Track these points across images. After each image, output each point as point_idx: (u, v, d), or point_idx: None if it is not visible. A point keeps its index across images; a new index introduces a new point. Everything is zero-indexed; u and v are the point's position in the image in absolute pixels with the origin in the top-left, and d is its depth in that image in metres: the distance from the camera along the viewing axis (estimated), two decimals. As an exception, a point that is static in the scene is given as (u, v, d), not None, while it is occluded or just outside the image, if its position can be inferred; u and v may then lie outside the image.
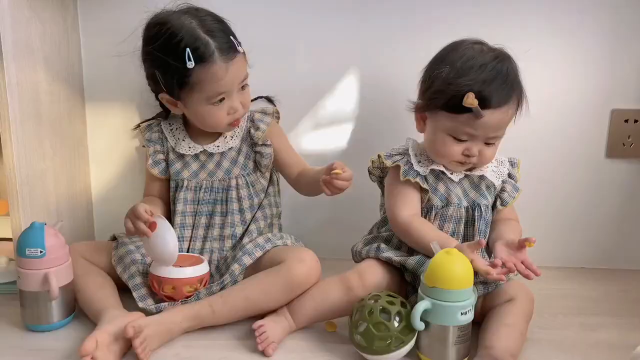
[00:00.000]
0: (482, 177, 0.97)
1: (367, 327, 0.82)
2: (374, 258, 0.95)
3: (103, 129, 1.23)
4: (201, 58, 0.93)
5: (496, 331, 0.84)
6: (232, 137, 1.06)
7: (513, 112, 0.92)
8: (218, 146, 1.05)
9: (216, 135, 1.06)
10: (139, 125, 1.15)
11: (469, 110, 0.88)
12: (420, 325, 0.81)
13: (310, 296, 0.91)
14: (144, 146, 1.10)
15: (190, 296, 0.94)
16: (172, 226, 1.00)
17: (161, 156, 1.08)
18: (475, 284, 0.84)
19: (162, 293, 0.94)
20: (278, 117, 1.12)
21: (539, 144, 1.17)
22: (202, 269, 0.96)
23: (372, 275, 0.92)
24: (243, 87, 1.00)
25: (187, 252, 1.04)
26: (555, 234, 1.22)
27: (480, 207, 0.96)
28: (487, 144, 0.93)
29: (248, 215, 1.05)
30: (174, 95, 0.99)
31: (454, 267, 0.80)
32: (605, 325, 0.97)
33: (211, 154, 1.06)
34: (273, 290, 0.91)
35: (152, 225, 0.92)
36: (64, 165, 1.14)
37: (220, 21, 0.98)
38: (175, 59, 0.93)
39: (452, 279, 0.80)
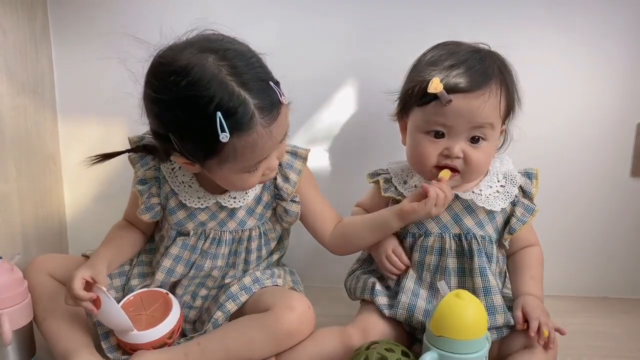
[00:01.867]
0: (477, 202, 0.84)
1: (363, 380, 0.71)
2: (371, 302, 0.85)
3: (77, 143, 1.14)
4: (238, 125, 0.70)
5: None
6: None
7: (494, 100, 0.79)
8: (234, 198, 0.86)
9: None
10: (106, 157, 0.86)
11: (436, 97, 0.78)
12: (425, 380, 0.70)
13: (303, 349, 0.80)
14: (139, 191, 0.87)
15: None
16: (159, 268, 0.87)
17: (156, 200, 0.87)
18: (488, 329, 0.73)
19: (128, 351, 0.83)
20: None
21: (557, 162, 1.07)
22: (168, 325, 0.82)
23: (376, 331, 0.81)
24: (282, 140, 0.80)
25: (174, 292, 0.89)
26: (574, 259, 1.12)
27: (477, 239, 0.83)
28: (471, 141, 0.81)
29: (252, 266, 0.90)
30: (195, 161, 0.77)
31: (464, 313, 0.70)
32: (635, 368, 0.87)
33: (224, 206, 0.87)
34: (257, 342, 0.78)
35: (96, 302, 0.78)
36: (32, 185, 1.04)
37: (256, 59, 0.74)
38: (203, 125, 0.70)
39: (463, 328, 0.69)
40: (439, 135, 0.81)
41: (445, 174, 0.81)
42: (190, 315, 0.89)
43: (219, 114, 0.69)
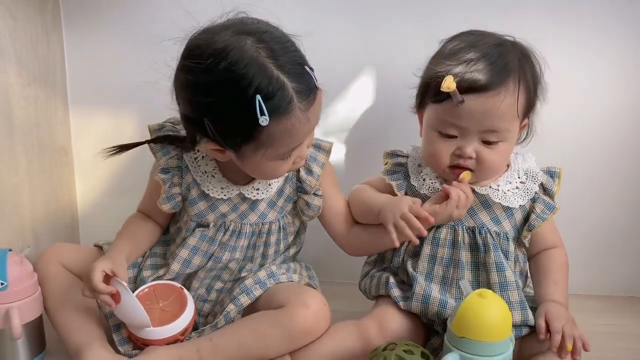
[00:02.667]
0: (493, 197, 0.81)
1: (380, 381, 0.68)
2: (387, 295, 0.83)
3: (90, 134, 1.12)
4: (277, 109, 0.69)
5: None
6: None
7: (510, 100, 0.75)
8: (258, 189, 0.84)
9: None
10: (124, 148, 0.84)
11: (449, 96, 0.74)
12: (446, 382, 0.67)
13: (319, 345, 0.77)
14: (162, 180, 0.84)
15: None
16: (175, 258, 0.85)
17: (177, 190, 0.84)
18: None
19: (140, 345, 0.81)
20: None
21: (582, 155, 1.03)
22: (183, 322, 0.80)
23: (392, 323, 0.79)
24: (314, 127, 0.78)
25: (185, 286, 0.86)
26: (599, 257, 1.07)
27: (491, 234, 0.80)
28: (485, 143, 0.77)
29: (269, 260, 0.88)
30: (228, 147, 0.74)
31: (488, 313, 0.66)
32: (665, 372, 0.83)
33: (247, 197, 0.84)
34: (271, 340, 0.76)
35: (115, 296, 0.76)
36: (43, 177, 1.02)
37: (291, 43, 0.73)
38: (241, 109, 0.68)
39: (487, 329, 0.66)
40: (451, 134, 0.78)
41: (466, 175, 0.78)
42: (205, 308, 0.87)
43: (258, 97, 0.67)
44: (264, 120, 0.68)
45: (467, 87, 0.74)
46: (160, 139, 0.84)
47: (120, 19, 1.05)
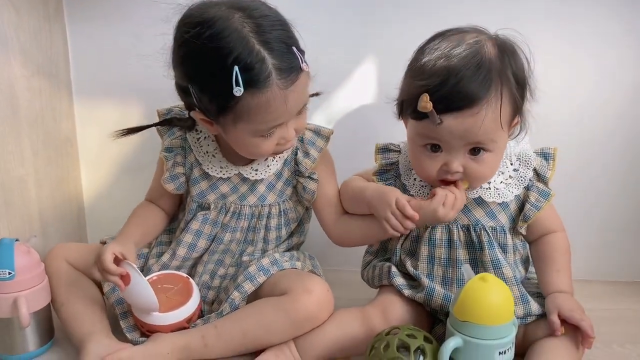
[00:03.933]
0: (486, 198, 0.80)
1: (383, 366, 0.69)
2: (390, 285, 0.83)
3: (94, 125, 1.12)
4: (253, 82, 0.71)
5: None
6: (274, 159, 0.87)
7: (492, 115, 0.71)
8: (256, 170, 0.86)
9: None
10: (132, 130, 0.87)
11: (428, 115, 0.71)
12: (449, 366, 0.68)
13: (322, 332, 0.78)
14: (165, 157, 0.88)
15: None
16: (179, 244, 0.87)
17: (180, 169, 0.88)
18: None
19: (145, 332, 0.82)
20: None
21: (585, 143, 1.03)
22: (189, 308, 0.81)
23: (396, 312, 0.79)
24: (301, 112, 0.80)
25: (190, 273, 0.88)
26: (602, 243, 1.07)
27: (487, 230, 0.79)
28: (472, 154, 0.75)
29: (271, 246, 0.89)
30: (211, 117, 0.77)
31: (490, 297, 0.67)
32: (670, 356, 0.83)
33: (246, 178, 0.88)
34: (275, 326, 0.77)
35: (125, 278, 0.77)
36: (49, 168, 1.03)
37: (281, 23, 0.74)
38: (219, 78, 0.71)
39: (489, 312, 0.66)
40: (435, 148, 0.75)
41: (463, 184, 0.77)
42: (209, 295, 0.88)
43: (236, 67, 0.70)
44: (237, 91, 0.71)
45: (444, 108, 0.70)
46: (167, 122, 0.88)
47: (122, 7, 1.05)
